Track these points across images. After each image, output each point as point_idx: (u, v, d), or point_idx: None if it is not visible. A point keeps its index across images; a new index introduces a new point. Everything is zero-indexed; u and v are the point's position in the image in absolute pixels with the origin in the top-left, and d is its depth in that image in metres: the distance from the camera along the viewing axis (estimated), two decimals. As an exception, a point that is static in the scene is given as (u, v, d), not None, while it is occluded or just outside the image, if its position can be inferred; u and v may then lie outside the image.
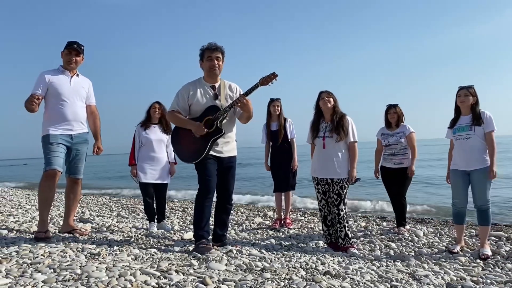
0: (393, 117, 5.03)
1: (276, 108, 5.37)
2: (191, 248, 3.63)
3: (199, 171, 3.65)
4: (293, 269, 3.09)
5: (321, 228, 4.45)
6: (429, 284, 2.96)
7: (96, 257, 3.09)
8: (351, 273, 3.05)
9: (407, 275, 3.19)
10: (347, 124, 4.08)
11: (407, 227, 5.14)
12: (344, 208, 4.05)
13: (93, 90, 4.33)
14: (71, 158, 4.10)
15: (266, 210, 7.34)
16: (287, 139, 5.39)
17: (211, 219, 3.92)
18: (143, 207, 5.31)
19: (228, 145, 3.77)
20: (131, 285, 2.43)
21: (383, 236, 4.83)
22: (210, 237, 3.75)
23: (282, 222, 5.46)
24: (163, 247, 3.77)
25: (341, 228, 4.03)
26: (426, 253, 4.05)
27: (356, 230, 5.31)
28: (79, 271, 2.61)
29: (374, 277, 3.05)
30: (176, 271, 2.76)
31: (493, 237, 4.64)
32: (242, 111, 3.64)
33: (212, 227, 3.92)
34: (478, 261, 3.76)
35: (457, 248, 4.06)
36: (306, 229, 5.36)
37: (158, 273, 2.68)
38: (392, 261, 3.72)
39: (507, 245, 4.30)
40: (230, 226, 5.30)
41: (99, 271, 2.62)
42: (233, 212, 6.70)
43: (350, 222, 5.78)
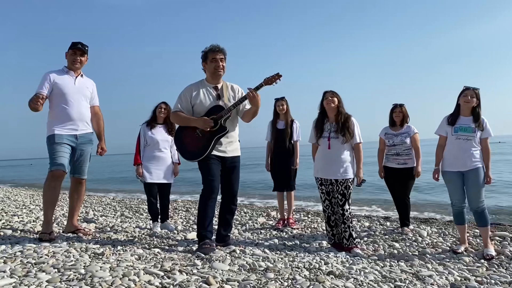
0: (398, 116, 5.02)
1: (281, 107, 5.36)
2: (195, 248, 3.64)
3: (203, 171, 3.66)
4: (297, 269, 3.09)
5: (324, 228, 4.44)
6: (433, 285, 2.95)
7: (100, 257, 3.11)
8: (354, 273, 3.05)
9: (411, 275, 3.18)
10: (353, 126, 4.09)
11: (411, 227, 5.13)
12: (349, 208, 4.04)
13: (96, 91, 4.35)
14: (75, 158, 4.11)
15: (269, 210, 7.34)
16: (291, 140, 5.38)
17: (215, 219, 3.93)
18: (146, 207, 5.32)
19: (231, 145, 3.78)
20: (135, 284, 2.43)
21: (387, 236, 4.82)
22: (213, 237, 3.76)
23: (285, 222, 5.46)
24: (166, 247, 3.78)
25: (345, 228, 4.02)
26: (430, 253, 4.03)
27: (359, 230, 5.30)
28: (83, 271, 2.62)
29: (378, 277, 3.05)
30: (180, 271, 2.77)
31: (497, 237, 4.62)
32: (251, 104, 3.66)
33: (215, 227, 3.93)
34: (482, 261, 3.74)
35: (461, 249, 4.05)
36: (310, 229, 5.35)
37: (162, 273, 2.69)
38: (396, 261, 3.71)
39: (511, 245, 4.28)
40: (233, 226, 5.30)
41: (103, 271, 2.63)
42: (236, 212, 6.70)
43: (354, 222, 5.77)
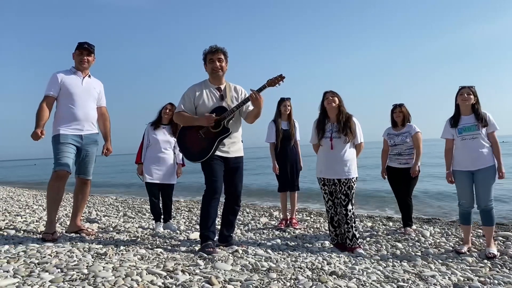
0: (398, 116, 5.01)
1: (287, 107, 5.36)
2: (197, 248, 3.64)
3: (206, 172, 3.67)
4: (299, 269, 3.09)
5: (327, 228, 4.43)
6: (436, 285, 2.94)
7: (103, 257, 3.11)
8: (357, 273, 3.04)
9: (414, 275, 3.17)
10: (354, 125, 4.09)
11: (414, 227, 5.11)
12: (352, 209, 4.04)
13: (104, 92, 4.37)
14: (80, 158, 4.12)
15: (272, 210, 7.33)
16: (295, 140, 5.39)
17: (217, 219, 3.93)
18: (149, 207, 5.33)
19: (234, 145, 3.79)
20: (138, 284, 2.44)
21: (390, 236, 4.81)
22: (216, 238, 3.76)
23: (288, 222, 5.46)
24: (169, 247, 3.79)
25: (348, 228, 4.02)
26: (433, 253, 4.02)
27: (362, 230, 5.29)
28: (86, 271, 2.63)
29: (381, 277, 3.04)
30: (182, 271, 2.77)
31: (500, 237, 4.60)
32: (253, 106, 3.66)
33: (218, 227, 3.93)
34: (485, 261, 3.73)
35: (464, 249, 4.03)
36: (312, 229, 5.35)
37: (164, 273, 2.69)
38: (399, 261, 3.70)
39: (515, 246, 4.26)
40: (236, 226, 5.31)
41: (106, 271, 2.64)
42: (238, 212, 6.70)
43: (357, 223, 5.76)
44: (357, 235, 4.06)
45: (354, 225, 4.04)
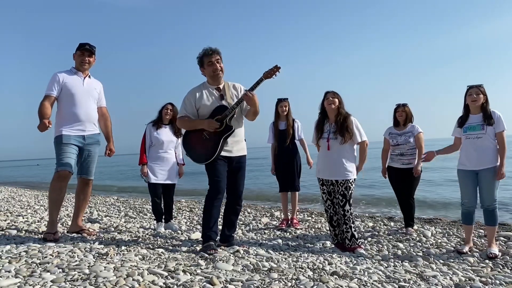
0: (401, 115, 5.00)
1: (284, 108, 5.37)
2: (199, 248, 3.65)
3: (209, 172, 3.67)
4: (300, 269, 3.09)
5: (328, 228, 4.43)
6: (437, 285, 2.94)
7: (104, 257, 3.12)
8: (358, 274, 3.04)
9: (415, 275, 3.17)
10: (351, 124, 4.03)
11: (415, 227, 5.11)
12: (350, 209, 4.03)
13: (103, 92, 4.37)
14: (83, 158, 4.13)
15: (273, 210, 7.34)
16: (294, 140, 5.39)
17: (219, 219, 3.93)
18: (150, 207, 5.34)
19: (238, 144, 3.79)
20: (139, 285, 2.44)
21: (391, 237, 4.81)
22: (218, 238, 3.76)
23: (289, 222, 5.46)
24: (170, 247, 3.79)
25: (347, 229, 4.01)
26: (434, 253, 4.02)
27: (363, 230, 5.29)
28: (87, 271, 2.63)
29: (382, 277, 3.04)
30: (184, 271, 2.77)
31: (502, 237, 4.60)
32: (249, 105, 3.67)
33: (220, 227, 3.93)
34: (487, 261, 3.72)
35: (465, 249, 4.02)
36: (313, 229, 5.35)
37: (166, 273, 2.69)
38: (400, 261, 3.70)
39: (516, 246, 4.25)
40: (237, 226, 5.31)
41: (107, 271, 2.64)
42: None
43: (357, 223, 5.76)
44: (357, 235, 4.05)
45: (352, 225, 4.02)
